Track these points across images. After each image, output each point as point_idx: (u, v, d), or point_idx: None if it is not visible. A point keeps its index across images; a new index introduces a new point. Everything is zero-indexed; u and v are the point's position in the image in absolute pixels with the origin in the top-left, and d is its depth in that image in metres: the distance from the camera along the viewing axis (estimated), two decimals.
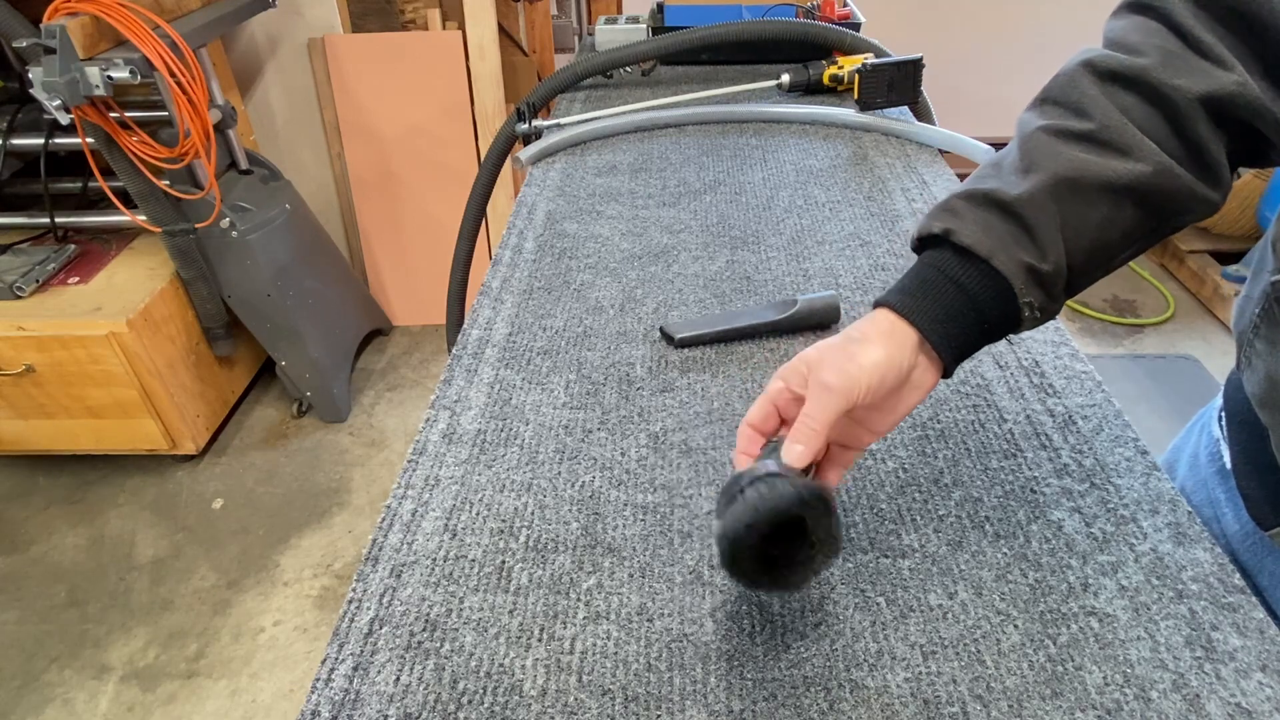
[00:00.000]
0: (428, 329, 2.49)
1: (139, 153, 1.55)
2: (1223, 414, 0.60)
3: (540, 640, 0.47)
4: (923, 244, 0.47)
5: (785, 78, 1.21)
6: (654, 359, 0.70)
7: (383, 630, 0.48)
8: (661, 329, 0.72)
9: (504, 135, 1.22)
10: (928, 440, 0.60)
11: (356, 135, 2.19)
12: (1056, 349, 0.69)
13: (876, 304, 0.46)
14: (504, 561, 0.52)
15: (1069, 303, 2.49)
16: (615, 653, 0.47)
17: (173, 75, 1.48)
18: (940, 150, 1.06)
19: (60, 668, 1.52)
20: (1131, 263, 2.66)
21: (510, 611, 0.49)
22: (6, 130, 1.70)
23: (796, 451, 0.43)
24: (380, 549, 0.53)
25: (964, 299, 0.44)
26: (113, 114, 1.51)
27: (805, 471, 0.44)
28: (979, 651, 0.46)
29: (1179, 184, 0.43)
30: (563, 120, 1.15)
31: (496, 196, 2.15)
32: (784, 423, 0.48)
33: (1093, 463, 0.58)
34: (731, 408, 0.64)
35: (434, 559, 0.52)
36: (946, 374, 0.46)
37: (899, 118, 1.13)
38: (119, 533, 1.81)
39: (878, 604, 0.49)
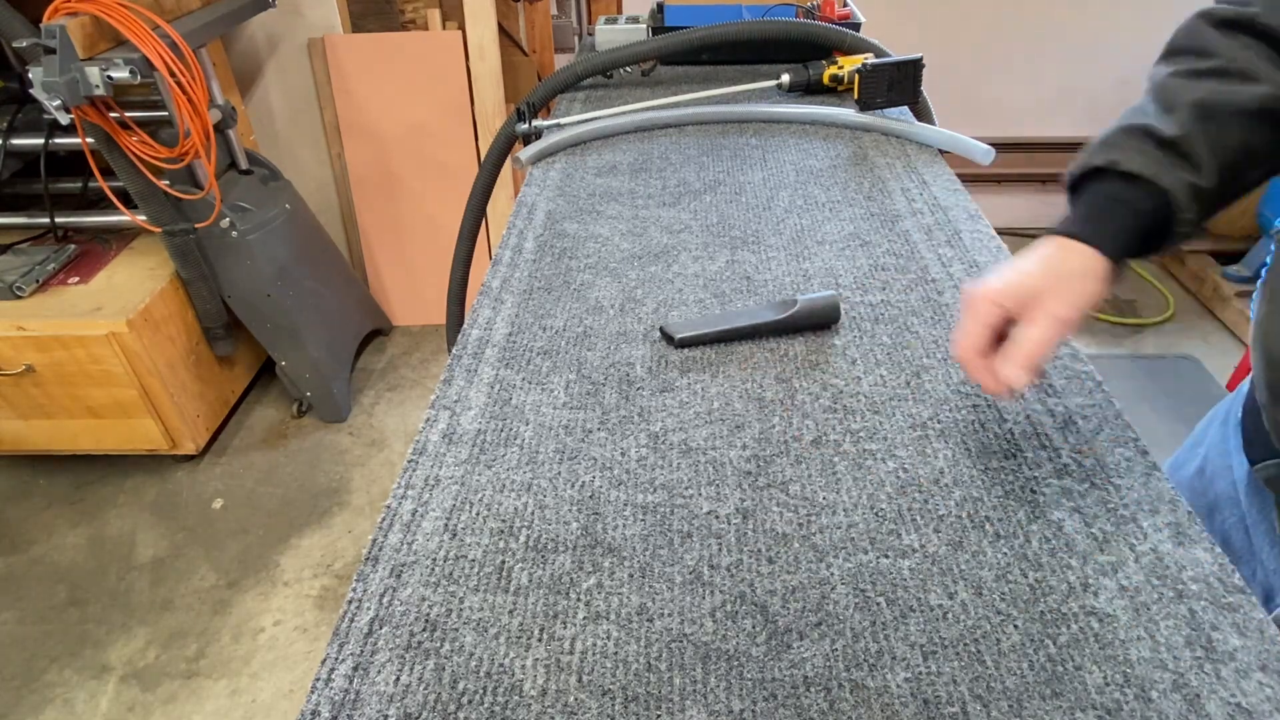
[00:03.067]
0: (428, 329, 2.49)
1: (139, 153, 1.55)
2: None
3: (540, 640, 0.47)
4: (1083, 179, 0.52)
5: (785, 78, 1.21)
6: (654, 359, 0.70)
7: (383, 630, 0.48)
8: (661, 329, 0.72)
9: (504, 135, 1.22)
10: (928, 440, 0.60)
11: (356, 135, 2.19)
12: (1056, 349, 0.69)
13: (1058, 233, 0.51)
14: (504, 561, 0.52)
15: None
16: (615, 653, 0.47)
17: (173, 75, 1.48)
18: (940, 150, 1.06)
19: (60, 668, 1.52)
20: (1131, 262, 2.67)
21: (510, 611, 0.49)
22: (6, 130, 1.70)
23: (1024, 380, 0.49)
24: (380, 549, 0.53)
25: (1134, 219, 0.50)
26: (113, 114, 1.51)
27: None
28: (979, 651, 0.46)
29: None
30: (563, 120, 1.15)
31: (496, 196, 2.15)
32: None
33: (1093, 463, 0.58)
34: (731, 407, 0.64)
35: (434, 559, 0.52)
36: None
37: (899, 118, 1.13)
38: (119, 533, 1.81)
39: (878, 604, 0.49)
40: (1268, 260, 0.53)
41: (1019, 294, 0.49)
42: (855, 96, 1.14)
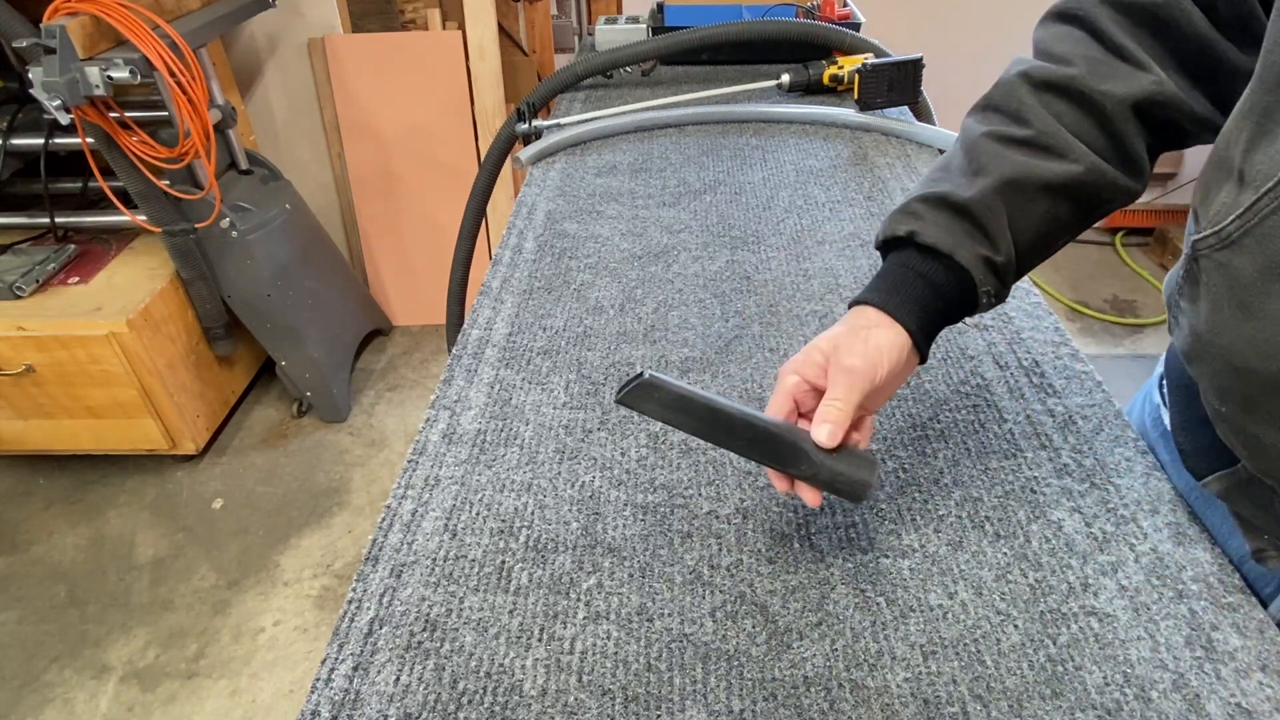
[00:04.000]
0: (428, 329, 2.49)
1: (139, 153, 1.55)
2: (1163, 380, 0.63)
3: (540, 640, 0.47)
4: (887, 245, 0.52)
5: (785, 78, 1.21)
6: (654, 359, 0.70)
7: (383, 630, 0.48)
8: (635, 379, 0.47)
9: (504, 135, 1.22)
10: (928, 440, 0.60)
11: (356, 135, 2.19)
12: (1056, 349, 0.69)
13: (858, 303, 0.50)
14: (504, 561, 0.52)
15: (1069, 302, 2.50)
16: (615, 653, 0.47)
17: (173, 75, 1.48)
18: (940, 150, 1.06)
19: (60, 668, 1.52)
20: (1131, 262, 2.67)
21: (510, 611, 0.49)
22: (6, 130, 1.69)
23: (827, 431, 0.46)
24: (380, 549, 0.53)
25: (932, 292, 0.49)
26: (113, 114, 1.51)
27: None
28: (979, 651, 0.46)
29: (1106, 179, 0.49)
30: (563, 120, 1.15)
31: (496, 196, 2.15)
32: (801, 415, 0.50)
33: (1093, 463, 0.58)
34: None
35: (434, 559, 0.52)
36: (923, 360, 0.51)
37: (899, 118, 1.13)
38: (119, 533, 1.81)
39: (878, 604, 0.49)
40: (1187, 271, 0.49)
41: (815, 360, 0.48)
42: (855, 96, 1.14)
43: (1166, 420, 0.61)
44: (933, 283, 0.49)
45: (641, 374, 0.47)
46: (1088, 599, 0.48)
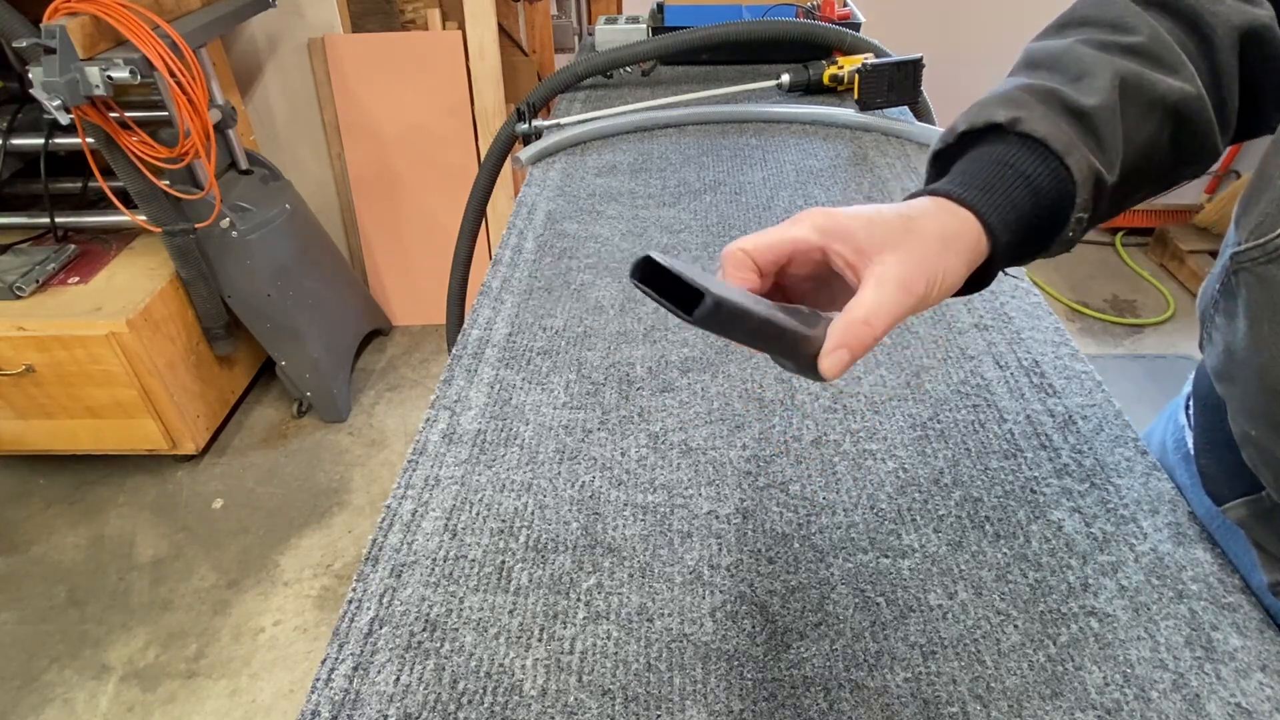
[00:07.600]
0: (428, 329, 2.49)
1: (139, 153, 1.55)
2: (1190, 401, 0.60)
3: (540, 640, 0.47)
4: (967, 138, 0.41)
5: (785, 78, 1.21)
6: (654, 359, 0.70)
7: (383, 630, 0.48)
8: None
9: (504, 135, 1.22)
10: (928, 440, 0.60)
11: (356, 135, 2.19)
12: (1056, 349, 0.69)
13: (943, 195, 0.38)
14: (504, 561, 0.52)
15: (1069, 303, 2.50)
16: (615, 653, 0.47)
17: (173, 75, 1.48)
18: None
19: (60, 668, 1.52)
20: (1131, 262, 2.67)
21: (510, 611, 0.49)
22: (6, 130, 1.70)
23: (843, 360, 0.34)
24: (380, 549, 0.53)
25: (1032, 201, 0.38)
26: (113, 114, 1.51)
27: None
28: (979, 651, 0.46)
29: (1207, 116, 0.42)
30: (563, 120, 1.15)
31: (496, 196, 2.15)
32: (778, 279, 0.38)
33: (1093, 463, 0.58)
34: (731, 407, 0.64)
35: (434, 559, 0.52)
36: (982, 286, 0.40)
37: (899, 118, 1.13)
38: (119, 533, 1.81)
39: (878, 604, 0.49)
40: (1224, 284, 0.45)
41: (853, 238, 0.34)
42: (855, 96, 1.14)
43: (1190, 443, 0.59)
44: (1036, 189, 0.38)
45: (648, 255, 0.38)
46: (1088, 599, 0.48)
